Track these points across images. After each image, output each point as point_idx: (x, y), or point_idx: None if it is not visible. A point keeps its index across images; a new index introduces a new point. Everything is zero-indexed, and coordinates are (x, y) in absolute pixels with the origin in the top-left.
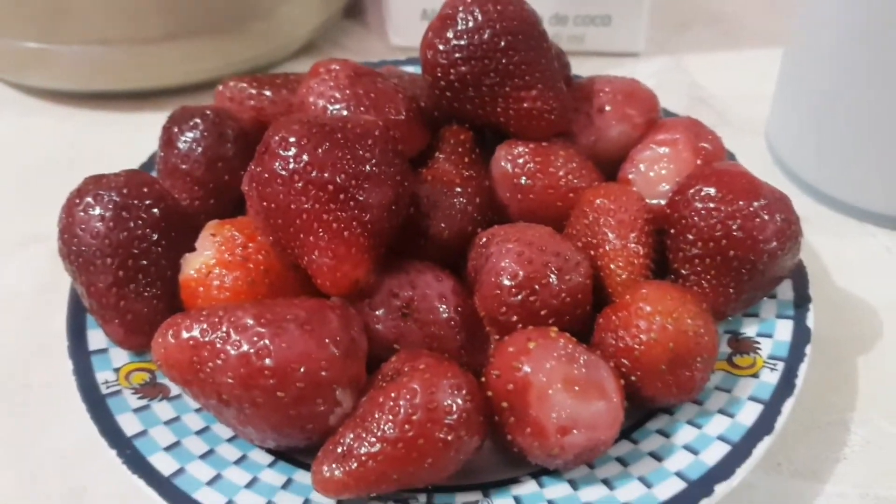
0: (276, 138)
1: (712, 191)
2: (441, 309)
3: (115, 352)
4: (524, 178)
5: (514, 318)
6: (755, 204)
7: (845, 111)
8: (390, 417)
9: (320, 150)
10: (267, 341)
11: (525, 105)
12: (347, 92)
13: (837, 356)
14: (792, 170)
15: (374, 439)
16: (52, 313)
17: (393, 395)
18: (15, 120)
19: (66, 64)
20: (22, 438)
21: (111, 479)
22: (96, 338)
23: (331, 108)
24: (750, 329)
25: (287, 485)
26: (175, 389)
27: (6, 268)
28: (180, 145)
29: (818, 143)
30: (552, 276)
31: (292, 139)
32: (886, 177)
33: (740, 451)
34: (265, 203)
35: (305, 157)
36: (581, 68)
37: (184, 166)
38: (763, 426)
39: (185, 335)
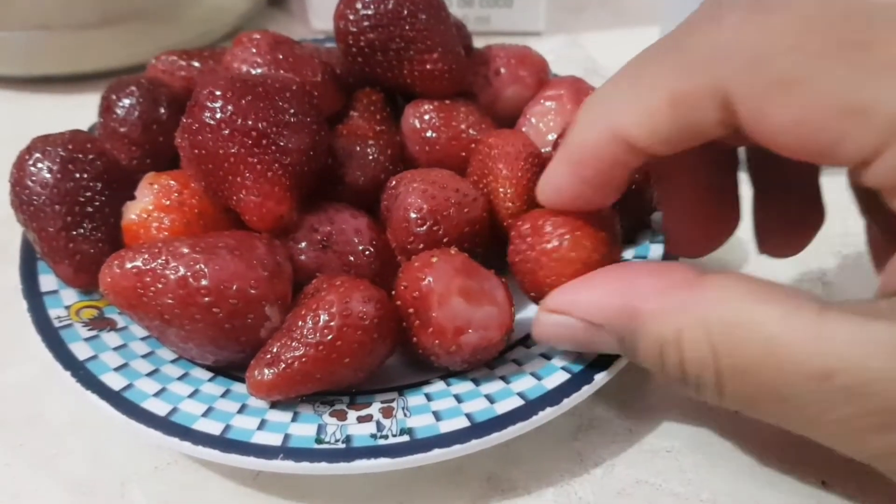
0: (204, 92)
1: None
2: (356, 241)
3: (66, 292)
4: (430, 131)
5: (421, 245)
6: None
7: None
8: (311, 325)
9: (244, 101)
10: (202, 265)
11: (427, 67)
12: (268, 57)
13: None
14: None
15: (298, 345)
16: (2, 271)
17: (314, 307)
18: None
19: (9, 50)
20: None
21: (64, 405)
22: (47, 281)
23: (254, 71)
24: (628, 253)
25: (226, 394)
26: (121, 321)
27: None
28: (118, 111)
29: None
30: (452, 208)
31: (218, 92)
32: None
33: None
34: (196, 151)
35: (231, 108)
36: None
37: (122, 129)
38: None
39: (128, 265)
